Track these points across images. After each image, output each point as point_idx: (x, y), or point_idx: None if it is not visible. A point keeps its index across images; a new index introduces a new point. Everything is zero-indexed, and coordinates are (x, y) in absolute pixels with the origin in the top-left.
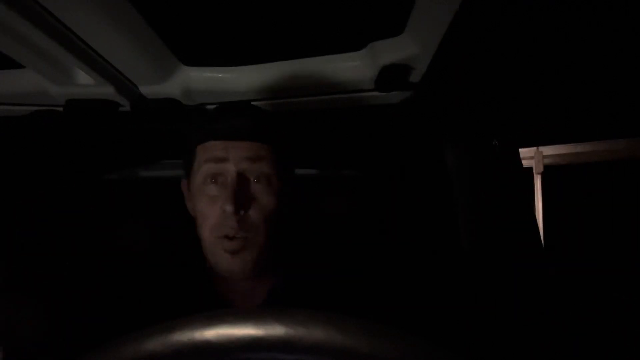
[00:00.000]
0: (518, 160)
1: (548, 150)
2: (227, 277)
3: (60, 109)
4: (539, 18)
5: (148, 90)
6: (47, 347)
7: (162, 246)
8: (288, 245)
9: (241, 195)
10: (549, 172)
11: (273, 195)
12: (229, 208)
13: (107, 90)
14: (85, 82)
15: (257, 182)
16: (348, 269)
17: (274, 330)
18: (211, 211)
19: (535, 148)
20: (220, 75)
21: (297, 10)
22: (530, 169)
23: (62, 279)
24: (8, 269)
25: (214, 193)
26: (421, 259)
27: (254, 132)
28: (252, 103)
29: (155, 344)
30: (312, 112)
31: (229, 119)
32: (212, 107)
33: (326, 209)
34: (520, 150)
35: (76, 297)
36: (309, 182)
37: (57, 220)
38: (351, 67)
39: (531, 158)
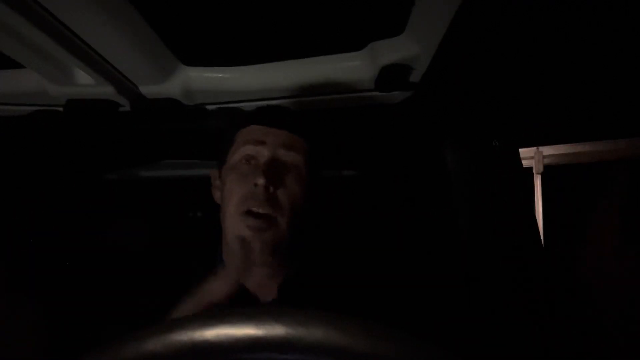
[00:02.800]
0: (518, 160)
1: (548, 150)
2: (242, 263)
3: (60, 109)
4: (539, 18)
5: (148, 90)
6: (46, 346)
7: (162, 246)
8: (303, 241)
9: (272, 174)
10: (549, 172)
11: (301, 185)
12: (261, 181)
13: (107, 90)
14: (85, 82)
15: (288, 169)
16: (347, 270)
17: (274, 330)
18: (240, 187)
19: (535, 148)
20: (220, 75)
21: (297, 10)
22: (530, 169)
23: (61, 279)
24: (8, 269)
25: (246, 171)
26: (421, 259)
27: (292, 123)
28: (253, 103)
29: (155, 344)
30: (312, 112)
31: (272, 108)
32: (212, 107)
33: (326, 209)
34: (520, 150)
35: (75, 298)
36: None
37: (57, 220)
38: (351, 67)
39: (531, 158)
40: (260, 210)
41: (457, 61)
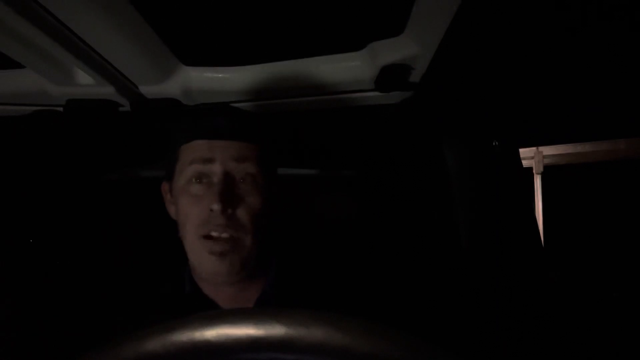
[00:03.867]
0: (518, 160)
1: (548, 150)
2: (213, 281)
3: (60, 109)
4: (539, 18)
5: (148, 90)
6: (45, 346)
7: (161, 247)
8: (278, 248)
9: (228, 195)
10: (549, 172)
11: (259, 195)
12: (217, 206)
13: (107, 90)
14: (85, 82)
15: (243, 182)
16: (347, 270)
17: (274, 330)
18: (195, 210)
19: (535, 148)
20: (220, 75)
21: (297, 10)
22: (530, 169)
23: (61, 279)
24: (6, 270)
25: (198, 192)
26: (421, 259)
27: (239, 132)
28: (253, 103)
29: (155, 344)
30: (312, 112)
31: (214, 119)
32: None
33: (326, 209)
34: (520, 150)
35: (75, 298)
36: (309, 182)
37: (57, 220)
38: (351, 67)
39: (531, 158)
40: (222, 235)
41: (457, 61)
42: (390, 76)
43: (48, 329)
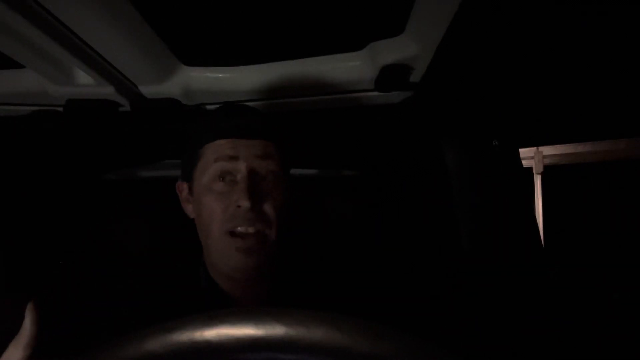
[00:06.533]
0: (518, 160)
1: (548, 150)
2: (236, 277)
3: (60, 109)
4: (539, 18)
5: (148, 90)
6: (44, 346)
7: (162, 246)
8: (289, 244)
9: (254, 191)
10: (549, 172)
11: (281, 192)
12: (246, 203)
13: (107, 90)
14: (85, 82)
15: (266, 179)
16: (348, 269)
17: (274, 330)
18: (221, 207)
19: (535, 148)
20: (220, 75)
21: (297, 10)
22: (530, 169)
23: (61, 279)
24: (8, 269)
25: (223, 190)
26: (421, 259)
27: (262, 131)
28: (253, 103)
29: (155, 344)
30: (312, 112)
31: (237, 118)
32: (212, 107)
33: (326, 209)
34: (520, 150)
35: (75, 298)
36: (309, 182)
37: (57, 220)
38: (351, 67)
39: (531, 158)
40: (249, 230)
41: (456, 61)
42: (390, 76)
43: (56, 328)
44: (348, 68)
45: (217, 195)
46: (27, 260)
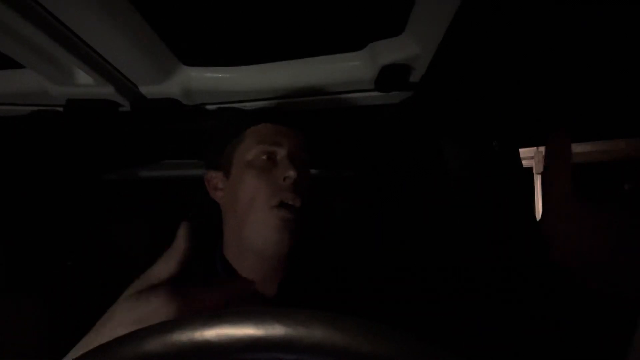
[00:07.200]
0: (518, 160)
1: None
2: (262, 253)
3: (60, 109)
4: (539, 18)
5: (148, 90)
6: (46, 346)
7: (162, 246)
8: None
9: (298, 167)
10: None
11: (309, 181)
12: (292, 173)
13: (107, 90)
14: (85, 82)
15: (302, 168)
16: (348, 269)
17: (274, 330)
18: (266, 181)
19: (535, 148)
20: (220, 75)
21: (297, 10)
22: (530, 169)
23: (61, 279)
24: (8, 269)
25: (268, 166)
26: (420, 258)
27: (301, 124)
28: (253, 103)
29: (155, 344)
30: (312, 112)
31: (283, 109)
32: (212, 107)
33: (326, 209)
34: (520, 150)
35: (75, 297)
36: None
37: (57, 221)
38: (351, 67)
39: (531, 158)
40: (295, 203)
41: (457, 61)
42: (390, 76)
43: (63, 327)
44: (348, 68)
45: (261, 170)
46: (27, 260)
